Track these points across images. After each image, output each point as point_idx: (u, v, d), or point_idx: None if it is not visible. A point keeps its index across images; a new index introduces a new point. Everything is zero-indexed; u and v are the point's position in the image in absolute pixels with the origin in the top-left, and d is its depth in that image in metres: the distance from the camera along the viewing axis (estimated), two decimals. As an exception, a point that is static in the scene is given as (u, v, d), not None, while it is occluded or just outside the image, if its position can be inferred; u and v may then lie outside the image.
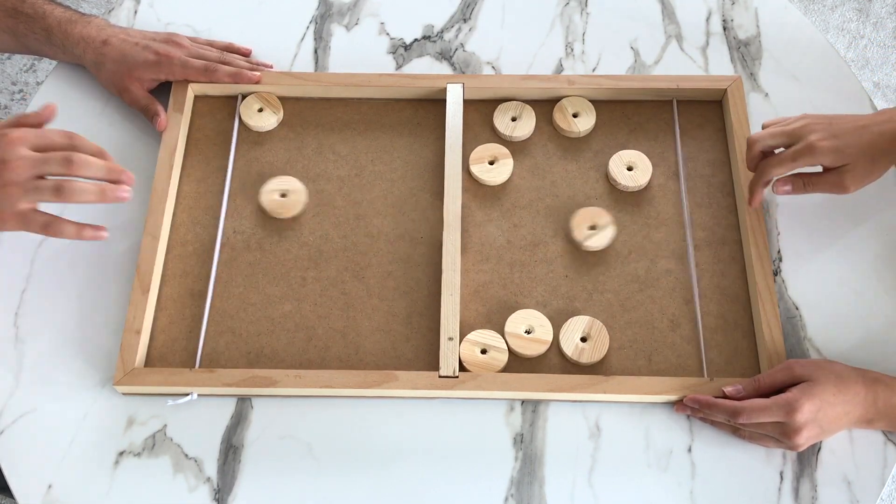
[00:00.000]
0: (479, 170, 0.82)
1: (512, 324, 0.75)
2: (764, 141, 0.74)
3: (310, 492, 0.70)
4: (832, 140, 0.71)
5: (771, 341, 0.73)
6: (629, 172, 0.82)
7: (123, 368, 0.72)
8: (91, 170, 0.69)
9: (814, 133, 0.71)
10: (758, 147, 0.74)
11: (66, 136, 0.70)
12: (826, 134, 0.71)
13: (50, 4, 0.85)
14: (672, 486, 0.70)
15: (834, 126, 0.72)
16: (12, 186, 0.66)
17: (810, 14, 1.75)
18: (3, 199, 0.67)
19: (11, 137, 0.68)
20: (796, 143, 0.72)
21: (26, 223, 0.69)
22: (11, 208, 0.67)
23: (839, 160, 0.71)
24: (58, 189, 0.67)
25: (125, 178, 0.70)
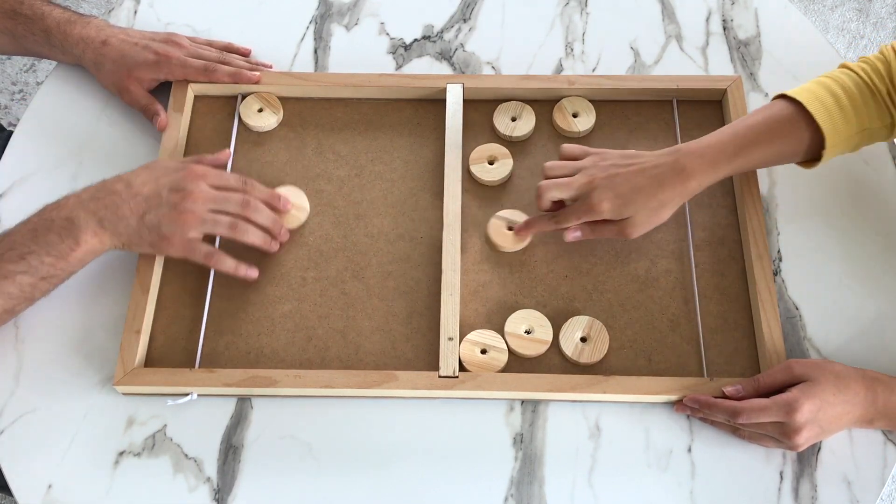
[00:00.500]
0: (478, 169, 0.82)
1: (512, 324, 0.75)
2: (551, 192, 0.74)
3: (310, 492, 0.70)
4: (614, 200, 0.72)
5: (771, 341, 0.73)
6: None
7: (123, 368, 0.72)
8: (262, 217, 0.75)
9: (595, 191, 0.72)
10: (545, 199, 0.75)
11: (242, 180, 0.76)
12: (607, 193, 0.72)
13: (48, 5, 0.85)
14: (672, 486, 0.70)
15: (616, 178, 0.73)
16: (190, 215, 0.72)
17: (810, 14, 1.75)
18: (179, 226, 0.71)
19: (196, 171, 0.74)
20: (580, 200, 0.73)
21: (191, 251, 0.73)
22: (183, 235, 0.72)
23: (622, 215, 0.73)
24: (233, 226, 0.73)
25: (283, 233, 0.78)
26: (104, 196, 0.71)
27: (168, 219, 0.71)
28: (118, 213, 0.71)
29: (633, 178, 0.73)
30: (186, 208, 0.71)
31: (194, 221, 0.72)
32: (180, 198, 0.72)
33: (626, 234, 0.74)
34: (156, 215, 0.71)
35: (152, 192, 0.72)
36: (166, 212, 0.71)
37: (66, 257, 0.70)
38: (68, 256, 0.70)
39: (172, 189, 0.72)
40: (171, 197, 0.72)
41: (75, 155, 0.85)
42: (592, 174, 0.73)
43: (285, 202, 0.78)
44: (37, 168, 0.84)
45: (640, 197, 0.72)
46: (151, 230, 0.71)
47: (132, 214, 0.71)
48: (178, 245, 0.72)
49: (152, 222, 0.71)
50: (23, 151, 0.85)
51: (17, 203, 0.82)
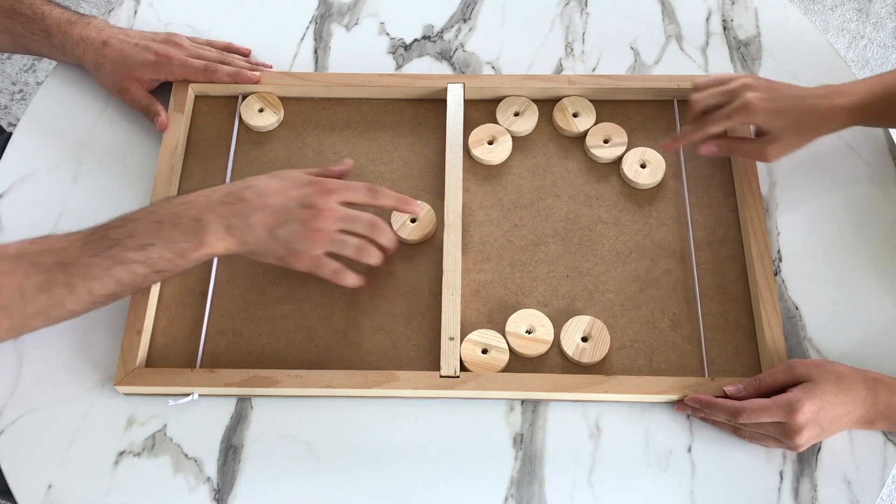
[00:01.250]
0: (480, 151, 0.83)
1: (513, 324, 0.75)
2: (705, 100, 0.76)
3: (310, 492, 0.70)
4: (768, 102, 0.74)
5: (772, 341, 0.73)
6: (643, 170, 0.82)
7: (124, 368, 0.72)
8: (385, 238, 0.74)
9: (751, 91, 0.74)
10: (698, 107, 0.77)
11: (370, 190, 0.74)
12: (763, 95, 0.74)
13: (49, 5, 0.85)
14: (672, 486, 0.70)
15: (773, 90, 0.75)
16: (320, 233, 0.70)
17: (810, 14, 1.75)
18: (309, 243, 0.70)
19: (327, 187, 0.72)
20: (733, 101, 0.75)
21: (319, 268, 0.72)
22: (311, 251, 0.71)
23: (771, 122, 0.74)
24: (359, 249, 0.72)
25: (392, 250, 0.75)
26: (234, 202, 0.70)
27: (298, 235, 0.70)
28: (248, 223, 0.69)
29: (789, 92, 0.75)
30: (317, 226, 0.70)
31: (324, 240, 0.71)
32: (311, 215, 0.70)
33: (766, 153, 0.75)
34: (287, 230, 0.70)
35: (283, 206, 0.70)
36: (297, 228, 0.70)
37: (185, 255, 0.68)
38: (188, 255, 0.68)
39: (303, 204, 0.71)
40: (302, 213, 0.70)
41: (75, 155, 0.85)
42: (750, 81, 0.75)
43: (415, 207, 0.76)
44: (37, 168, 0.84)
45: (792, 111, 0.74)
46: (280, 244, 0.70)
47: (261, 226, 0.70)
48: (307, 261, 0.71)
49: (282, 237, 0.70)
50: (23, 151, 0.85)
51: (17, 203, 0.82)
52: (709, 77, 0.79)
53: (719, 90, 0.76)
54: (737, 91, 0.75)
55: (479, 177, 0.83)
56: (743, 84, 0.75)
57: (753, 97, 0.74)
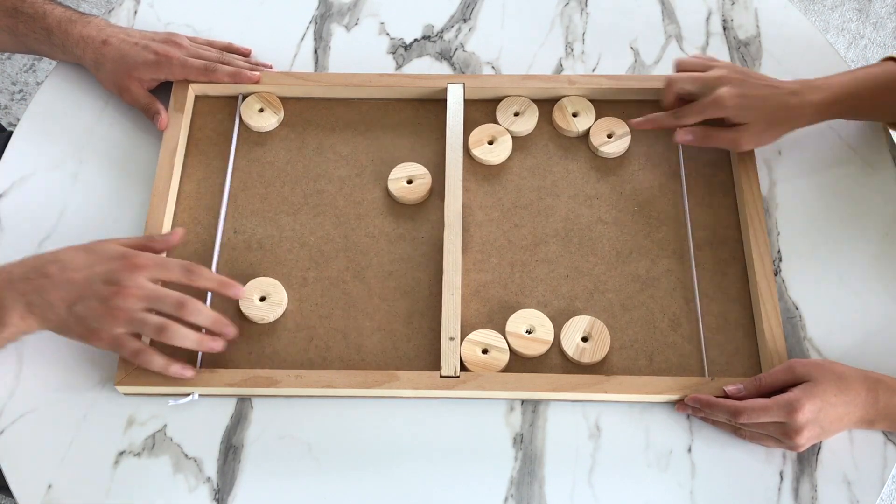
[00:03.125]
0: (480, 151, 0.83)
1: (513, 324, 0.75)
2: (681, 84, 0.78)
3: (310, 492, 0.70)
4: (740, 98, 0.75)
5: (772, 341, 0.73)
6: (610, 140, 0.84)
7: (125, 368, 0.72)
8: (201, 318, 0.69)
9: (725, 86, 0.76)
10: (674, 89, 0.79)
11: (186, 270, 0.70)
12: (737, 90, 0.76)
13: (50, 4, 0.85)
14: (672, 486, 0.70)
15: (747, 83, 0.77)
16: (119, 311, 0.67)
17: (810, 14, 1.75)
18: (107, 322, 0.67)
19: (136, 262, 0.68)
20: (707, 94, 0.76)
21: (119, 346, 0.69)
22: (110, 331, 0.68)
23: (741, 117, 0.76)
24: (161, 329, 0.68)
25: (227, 331, 0.71)
26: (35, 278, 0.67)
27: (95, 312, 0.67)
28: (47, 299, 0.67)
29: (762, 86, 0.77)
30: (117, 305, 0.67)
31: (122, 318, 0.67)
32: (112, 293, 0.67)
33: (739, 142, 0.76)
34: (84, 307, 0.67)
35: (84, 281, 0.67)
36: (95, 305, 0.66)
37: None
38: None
39: (106, 281, 0.67)
40: (103, 290, 0.67)
41: (75, 155, 0.85)
42: (724, 72, 0.77)
43: (237, 290, 0.71)
44: (37, 168, 0.84)
45: (764, 104, 0.76)
46: (79, 322, 0.67)
47: (61, 302, 0.67)
48: (106, 340, 0.68)
49: (80, 314, 0.67)
50: (23, 151, 0.85)
51: (17, 203, 0.82)
52: (691, 60, 0.81)
53: (696, 77, 0.78)
54: (711, 83, 0.77)
55: (480, 177, 0.84)
56: (718, 77, 0.77)
57: (725, 92, 0.75)
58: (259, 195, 0.82)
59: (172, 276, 0.70)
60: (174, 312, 0.68)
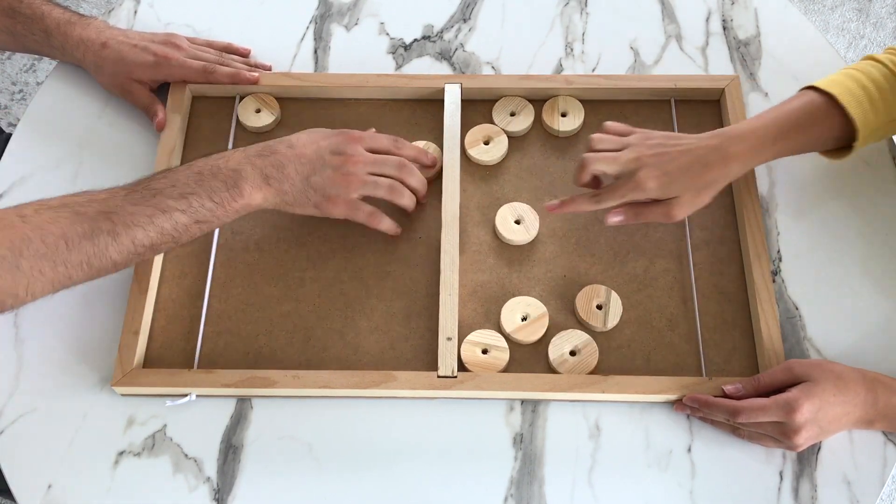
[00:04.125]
0: (476, 152, 0.83)
1: (507, 316, 0.75)
2: (596, 165, 0.74)
3: (310, 492, 0.70)
4: (661, 178, 0.72)
5: (769, 340, 0.73)
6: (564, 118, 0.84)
7: (122, 369, 0.72)
8: (414, 179, 0.78)
9: (644, 168, 0.72)
10: (588, 171, 0.74)
11: (392, 140, 0.79)
12: (655, 171, 0.72)
13: (48, 5, 0.85)
14: (672, 486, 0.70)
15: (663, 157, 0.72)
16: (352, 177, 0.74)
17: (810, 14, 1.75)
18: (343, 187, 0.74)
19: (353, 135, 0.76)
20: (626, 177, 0.73)
21: (355, 211, 0.76)
22: (346, 195, 0.74)
23: (667, 194, 0.72)
24: (391, 188, 0.76)
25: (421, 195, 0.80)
26: (269, 154, 0.73)
27: (332, 181, 0.73)
28: (284, 173, 0.73)
29: (680, 158, 0.73)
30: (349, 171, 0.74)
31: (357, 183, 0.74)
32: (342, 161, 0.74)
33: (672, 214, 0.73)
34: (321, 177, 0.73)
35: (315, 155, 0.74)
36: (330, 174, 0.73)
37: (225, 205, 0.70)
38: (227, 205, 0.71)
39: (334, 152, 0.74)
40: (334, 160, 0.74)
41: (75, 155, 0.85)
42: (640, 151, 0.73)
43: (433, 158, 0.81)
44: (37, 168, 0.84)
45: (686, 176, 0.72)
46: (317, 191, 0.73)
47: (297, 175, 0.73)
48: (343, 205, 0.74)
49: (318, 184, 0.73)
50: (23, 151, 0.85)
51: (16, 203, 0.82)
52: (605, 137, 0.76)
53: (611, 158, 0.73)
54: (630, 164, 0.72)
55: (476, 177, 0.84)
56: (634, 158, 0.72)
57: (644, 175, 0.71)
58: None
59: (383, 145, 0.78)
60: (397, 174, 0.77)
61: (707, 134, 0.75)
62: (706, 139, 0.74)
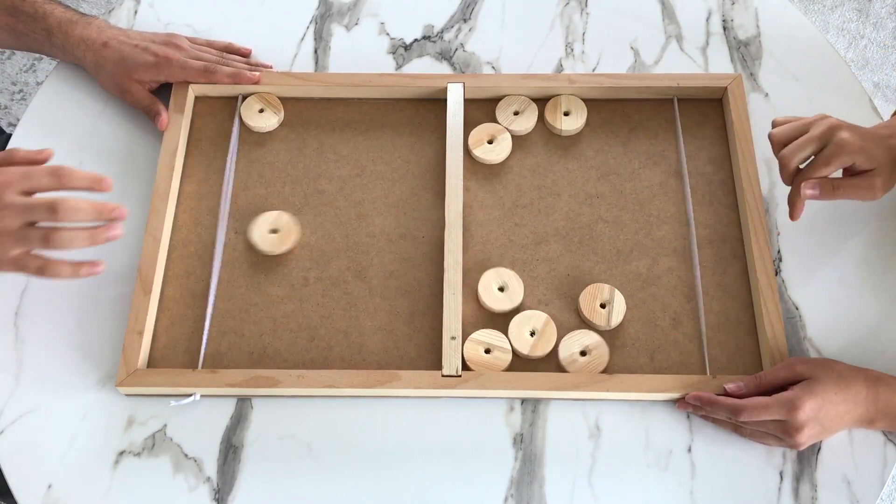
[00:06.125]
0: (481, 151, 0.83)
1: (514, 328, 0.75)
2: (798, 153, 0.71)
3: (310, 492, 0.70)
4: (861, 142, 0.70)
5: (773, 338, 0.73)
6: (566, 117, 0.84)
7: (126, 369, 0.72)
8: (79, 214, 0.65)
9: (841, 132, 0.70)
10: (794, 162, 0.71)
11: (53, 174, 0.66)
12: (854, 135, 0.70)
13: (50, 4, 0.85)
14: (672, 485, 0.70)
15: (856, 128, 0.71)
16: (3, 235, 0.64)
17: (810, 14, 1.75)
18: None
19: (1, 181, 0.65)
20: (827, 145, 0.70)
21: (22, 267, 0.66)
22: (5, 255, 0.65)
23: (868, 162, 0.70)
24: (46, 239, 0.65)
25: (116, 214, 0.67)
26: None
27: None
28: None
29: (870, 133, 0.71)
30: None
31: (10, 241, 0.64)
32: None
33: (874, 188, 0.70)
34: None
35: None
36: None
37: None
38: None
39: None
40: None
41: (75, 155, 0.85)
42: (829, 122, 0.71)
43: (107, 183, 0.67)
44: (37, 168, 0.84)
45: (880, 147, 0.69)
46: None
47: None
48: (7, 265, 0.65)
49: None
50: (23, 151, 0.85)
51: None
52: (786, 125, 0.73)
53: (807, 138, 0.71)
54: (826, 135, 0.70)
55: (480, 176, 0.84)
56: (829, 126, 0.70)
57: (847, 137, 0.69)
58: (259, 195, 0.82)
59: (42, 184, 0.66)
60: (51, 218, 0.65)
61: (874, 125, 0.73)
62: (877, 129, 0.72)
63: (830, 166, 0.71)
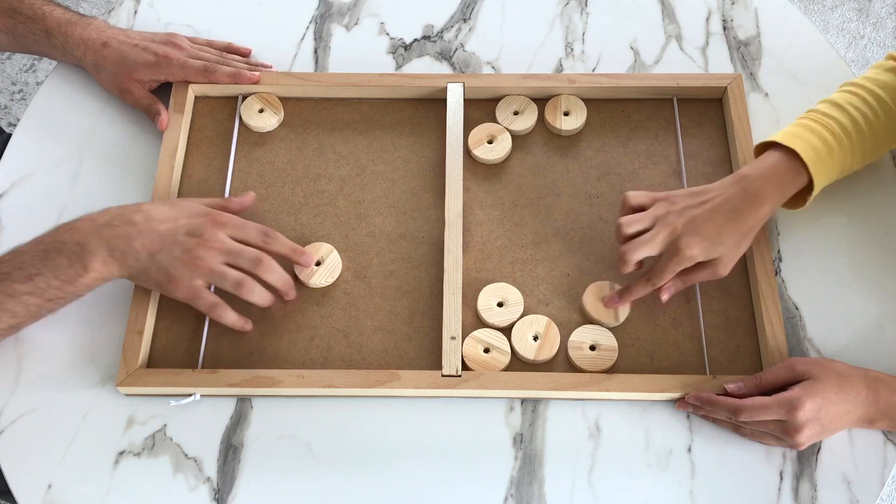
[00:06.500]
0: (481, 151, 0.83)
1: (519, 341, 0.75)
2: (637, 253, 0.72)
3: (310, 492, 0.70)
4: (702, 243, 0.71)
5: (773, 338, 0.73)
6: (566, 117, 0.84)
7: (126, 369, 0.72)
8: (274, 276, 0.73)
9: (682, 238, 0.71)
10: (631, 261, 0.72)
11: (264, 232, 0.74)
12: (694, 238, 0.71)
13: (49, 5, 0.85)
14: (672, 485, 0.70)
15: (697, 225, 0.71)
16: (201, 262, 0.70)
17: (810, 14, 1.75)
18: (188, 271, 0.70)
19: (218, 219, 0.72)
20: (668, 252, 0.72)
21: (196, 298, 0.71)
22: (190, 281, 0.70)
23: (711, 255, 0.72)
24: (239, 284, 0.71)
25: (292, 293, 0.75)
26: (120, 224, 0.70)
27: (178, 262, 0.70)
28: (130, 246, 0.69)
29: (713, 217, 0.71)
30: (199, 255, 0.70)
31: (204, 270, 0.70)
32: (195, 244, 0.70)
33: (719, 273, 0.73)
34: (167, 256, 0.70)
35: (168, 232, 0.70)
36: (178, 254, 0.70)
37: (73, 282, 0.69)
38: (76, 281, 0.69)
39: (190, 233, 0.71)
40: (187, 242, 0.70)
41: (75, 155, 0.85)
42: (671, 222, 0.72)
43: (308, 258, 0.75)
44: (37, 168, 0.84)
45: (724, 233, 0.71)
46: (160, 270, 0.70)
47: (143, 250, 0.69)
48: (184, 290, 0.71)
49: (162, 263, 0.70)
50: (23, 151, 0.85)
51: (17, 203, 0.82)
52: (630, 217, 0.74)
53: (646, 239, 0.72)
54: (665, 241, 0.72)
55: (480, 176, 0.84)
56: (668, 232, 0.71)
57: (685, 245, 0.71)
58: (259, 195, 0.82)
59: (250, 237, 0.73)
60: (251, 268, 0.72)
61: (727, 180, 0.73)
62: (728, 187, 0.73)
63: (673, 273, 0.73)
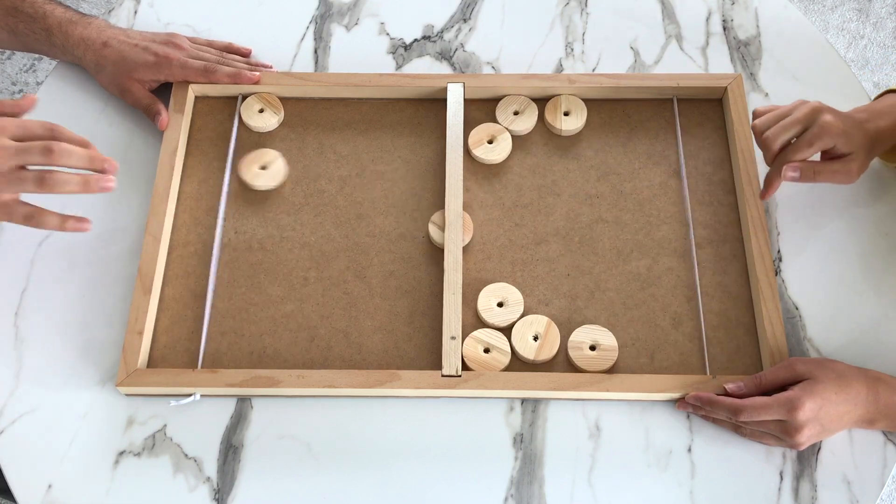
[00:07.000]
0: (481, 151, 0.83)
1: (519, 341, 0.75)
2: (781, 135, 0.73)
3: (310, 492, 0.70)
4: (843, 125, 0.72)
5: (773, 338, 0.73)
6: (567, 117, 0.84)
7: (126, 369, 0.72)
8: (73, 159, 0.66)
9: (824, 115, 0.72)
10: (777, 143, 0.73)
11: (47, 126, 0.67)
12: (835, 118, 0.72)
13: (50, 4, 0.85)
14: (672, 485, 0.70)
15: (838, 111, 0.73)
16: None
17: (810, 14, 1.75)
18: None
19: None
20: (810, 127, 0.72)
21: (9, 214, 0.67)
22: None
23: (847, 145, 0.72)
24: (40, 179, 0.65)
25: (108, 166, 0.68)
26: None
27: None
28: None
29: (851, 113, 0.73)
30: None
31: (1, 183, 0.64)
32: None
33: (853, 173, 0.72)
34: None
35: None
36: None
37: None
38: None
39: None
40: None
41: (75, 155, 0.85)
42: (812, 105, 0.73)
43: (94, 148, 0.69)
44: (37, 168, 0.84)
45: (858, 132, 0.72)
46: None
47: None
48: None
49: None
50: (23, 151, 0.85)
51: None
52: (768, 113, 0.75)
53: (791, 120, 0.73)
54: (810, 117, 0.72)
55: (480, 176, 0.84)
56: (812, 108, 0.73)
57: (830, 119, 0.71)
58: (259, 195, 0.82)
59: (35, 133, 0.67)
60: (45, 160, 0.65)
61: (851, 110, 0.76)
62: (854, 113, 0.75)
63: (813, 147, 0.72)
